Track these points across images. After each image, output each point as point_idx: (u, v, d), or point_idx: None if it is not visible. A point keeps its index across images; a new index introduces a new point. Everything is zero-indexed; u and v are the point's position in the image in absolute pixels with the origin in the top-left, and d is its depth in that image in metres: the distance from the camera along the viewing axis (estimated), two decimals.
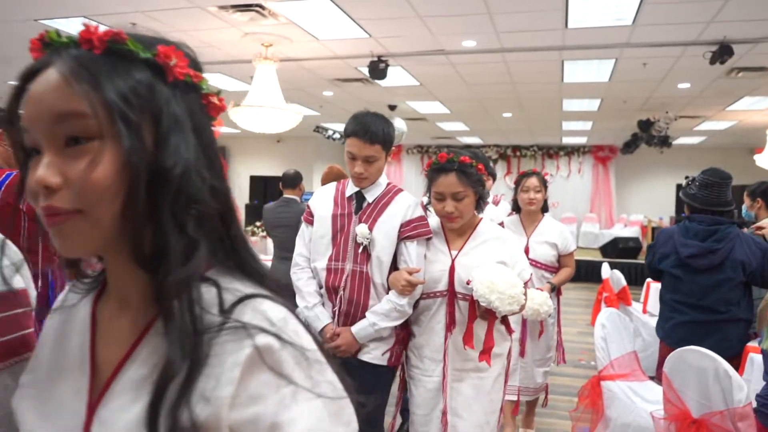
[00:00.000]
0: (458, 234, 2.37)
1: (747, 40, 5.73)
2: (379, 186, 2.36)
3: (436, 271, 2.30)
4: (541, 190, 3.57)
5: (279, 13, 5.37)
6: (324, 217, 2.36)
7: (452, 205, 2.24)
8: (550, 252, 3.56)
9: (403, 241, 2.29)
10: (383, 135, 2.24)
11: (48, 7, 5.36)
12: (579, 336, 6.56)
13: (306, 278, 2.38)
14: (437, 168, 2.27)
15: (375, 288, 2.29)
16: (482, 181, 2.29)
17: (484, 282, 2.06)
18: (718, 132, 12.02)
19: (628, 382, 2.89)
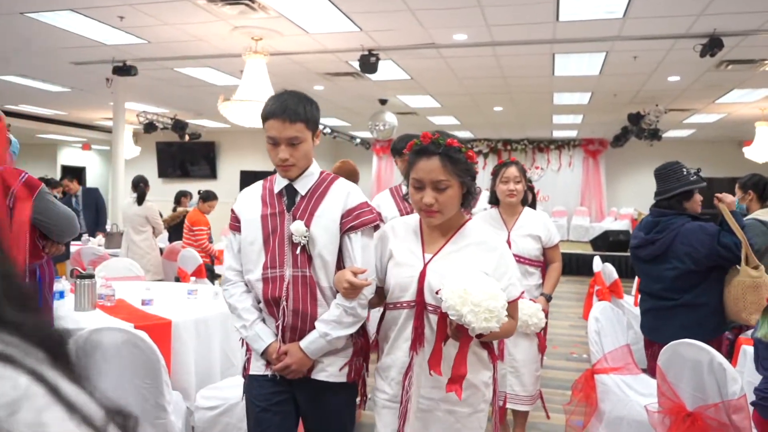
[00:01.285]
0: (439, 234, 1.97)
1: (737, 32, 5.75)
2: (311, 176, 2.05)
3: (404, 277, 1.92)
4: (521, 180, 3.28)
5: (269, 7, 5.32)
6: (252, 221, 2.04)
7: (432, 196, 1.84)
8: (533, 245, 3.30)
9: (346, 234, 1.98)
10: (305, 112, 1.95)
11: (35, 0, 5.28)
12: (571, 329, 6.58)
13: (239, 293, 2.06)
14: (418, 150, 1.87)
15: (322, 293, 1.98)
16: (471, 171, 1.90)
17: (456, 290, 1.67)
18: (707, 125, 12.09)
19: (622, 375, 2.90)
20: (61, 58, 7.40)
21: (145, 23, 5.87)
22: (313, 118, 1.99)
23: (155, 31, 6.18)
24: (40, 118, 12.79)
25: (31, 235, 2.21)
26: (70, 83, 9.05)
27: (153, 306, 3.41)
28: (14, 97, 10.38)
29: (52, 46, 6.83)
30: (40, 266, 2.25)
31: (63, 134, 14.65)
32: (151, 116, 11.31)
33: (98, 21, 5.82)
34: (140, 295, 3.54)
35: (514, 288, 1.89)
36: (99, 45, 6.66)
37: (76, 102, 10.88)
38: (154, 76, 8.25)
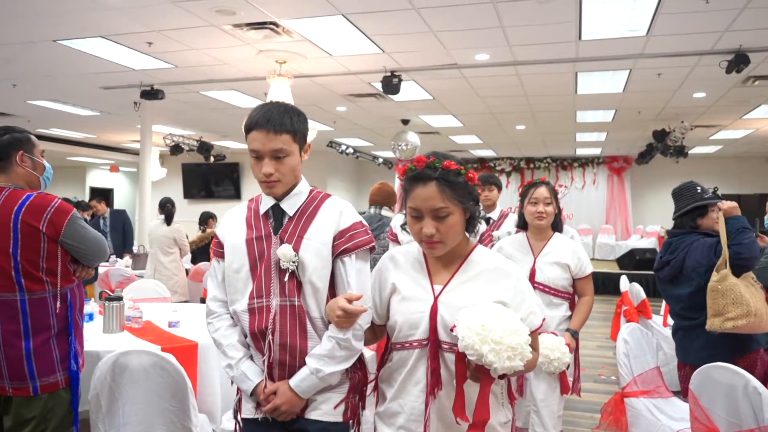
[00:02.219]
0: (444, 264, 1.77)
1: (763, 48, 5.68)
2: (299, 194, 1.85)
3: (413, 313, 1.71)
4: (551, 202, 3.03)
5: (293, 30, 5.41)
6: (236, 246, 1.84)
7: (432, 226, 1.65)
8: (561, 274, 2.99)
9: (339, 258, 1.80)
10: (291, 124, 1.77)
11: (67, 28, 5.44)
12: (598, 350, 6.47)
13: (225, 327, 1.87)
14: (413, 176, 1.69)
15: (313, 324, 1.79)
16: (474, 194, 1.72)
17: (473, 327, 1.49)
18: (734, 141, 11.91)
19: (653, 399, 2.84)
20: (91, 83, 7.59)
21: (172, 48, 6.00)
22: (301, 130, 1.81)
23: (182, 56, 6.31)
24: (70, 141, 13.11)
25: (63, 259, 2.25)
26: (99, 107, 9.27)
27: (179, 328, 3.44)
28: (46, 121, 10.66)
29: (83, 72, 7.01)
30: (70, 290, 2.28)
31: (92, 157, 14.97)
32: (177, 138, 11.51)
33: (127, 47, 5.97)
34: (167, 316, 3.57)
35: (534, 317, 1.71)
36: (128, 70, 6.82)
37: (105, 125, 11.13)
38: (180, 99, 8.42)
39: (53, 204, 2.21)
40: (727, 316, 2.70)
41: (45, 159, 2.43)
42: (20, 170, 2.28)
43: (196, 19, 5.12)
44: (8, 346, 2.15)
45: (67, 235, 2.21)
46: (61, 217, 2.21)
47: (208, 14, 5.00)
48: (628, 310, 5.07)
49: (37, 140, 2.39)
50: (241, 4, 4.77)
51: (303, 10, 4.92)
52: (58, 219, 2.20)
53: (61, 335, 2.25)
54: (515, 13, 4.89)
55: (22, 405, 2.19)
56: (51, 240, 2.19)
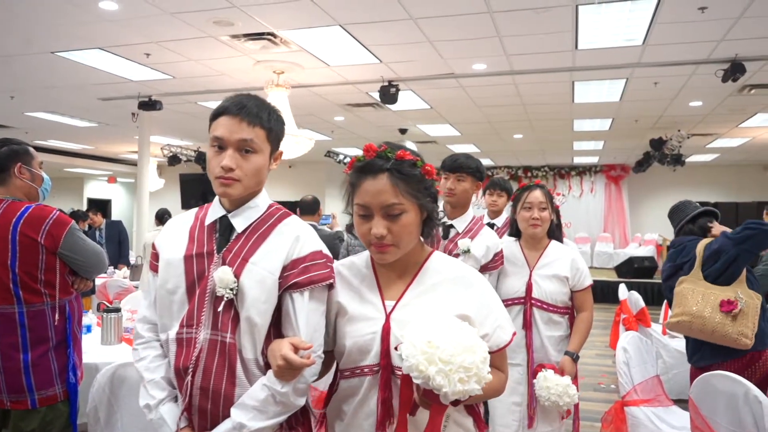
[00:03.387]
0: (397, 275, 1.51)
1: (759, 57, 5.72)
2: (255, 208, 1.55)
3: (363, 336, 1.45)
4: (547, 207, 2.75)
5: (290, 41, 5.43)
6: (173, 262, 1.53)
7: (383, 226, 1.40)
8: (560, 289, 2.72)
9: (287, 293, 1.47)
10: (269, 120, 1.52)
11: (65, 40, 5.46)
12: (598, 359, 6.46)
13: (151, 358, 1.56)
14: (361, 167, 1.44)
15: (245, 367, 1.46)
16: (432, 190, 1.48)
17: (418, 344, 1.24)
18: (731, 149, 11.95)
19: (653, 407, 2.83)
20: (89, 95, 7.60)
21: (170, 59, 6.02)
22: (276, 130, 1.55)
23: (180, 67, 6.32)
24: (68, 152, 13.11)
25: (61, 271, 2.24)
26: (97, 118, 9.28)
27: None
28: (44, 132, 10.66)
29: (81, 83, 7.02)
30: (69, 302, 2.28)
31: (90, 168, 14.97)
32: (175, 149, 11.52)
33: (125, 58, 5.98)
34: None
35: (503, 331, 1.48)
36: (126, 81, 6.84)
37: (103, 136, 11.13)
38: (178, 110, 8.43)
39: (52, 216, 2.21)
40: (672, 314, 2.90)
41: (43, 170, 2.43)
42: (19, 182, 2.28)
43: (194, 30, 5.13)
44: (6, 359, 2.14)
45: (65, 247, 2.21)
46: (60, 229, 2.21)
47: (206, 25, 5.02)
48: (627, 319, 5.06)
49: (36, 152, 2.39)
50: (239, 15, 4.79)
51: (300, 21, 4.94)
52: (57, 231, 2.20)
53: (59, 348, 2.24)
54: (512, 23, 4.92)
55: (21, 418, 2.18)
56: (49, 252, 2.18)
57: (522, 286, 2.73)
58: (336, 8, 4.64)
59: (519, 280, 2.75)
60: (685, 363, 3.90)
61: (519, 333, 2.66)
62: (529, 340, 2.69)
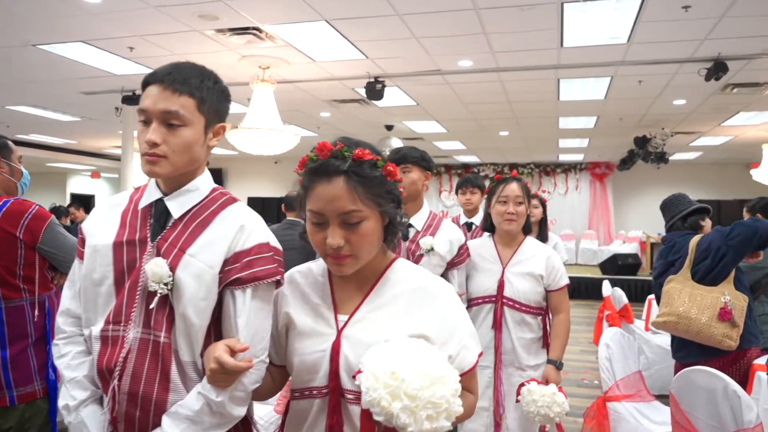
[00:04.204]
0: (356, 286, 1.35)
1: (741, 56, 5.78)
2: (195, 191, 1.38)
3: (311, 354, 1.30)
4: (523, 201, 2.62)
5: (276, 36, 5.39)
6: (100, 249, 1.36)
7: (340, 235, 1.24)
8: (533, 288, 2.59)
9: (228, 289, 1.32)
10: (200, 87, 1.33)
11: (46, 33, 5.39)
12: (581, 354, 6.51)
13: (73, 354, 1.39)
14: (314, 168, 1.26)
15: (181, 371, 1.31)
16: (395, 193, 1.31)
17: (381, 376, 1.09)
18: (714, 147, 12.08)
19: (635, 402, 2.86)
20: (71, 89, 7.51)
21: (154, 53, 5.96)
22: (211, 99, 1.36)
23: (164, 61, 6.15)
24: (50, 147, 12.95)
25: (41, 266, 2.22)
26: (80, 113, 9.17)
27: None
28: (26, 126, 10.53)
29: (63, 77, 6.94)
30: (48, 297, 2.25)
31: (73, 163, 14.81)
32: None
33: (108, 52, 5.92)
34: None
35: (468, 353, 1.31)
36: (109, 75, 6.76)
37: (86, 131, 11.01)
38: None
39: (31, 210, 2.18)
40: (658, 313, 2.93)
41: (23, 165, 2.39)
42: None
43: (179, 24, 5.09)
44: None
45: (44, 242, 2.18)
46: (39, 224, 2.18)
47: (191, 19, 4.98)
48: (610, 315, 5.10)
49: (15, 146, 2.36)
50: (224, 10, 4.76)
51: (286, 16, 4.92)
52: (36, 226, 2.17)
53: (38, 344, 2.22)
54: (498, 20, 4.93)
55: None
56: (28, 247, 2.15)
57: (494, 284, 2.61)
58: (322, 3, 4.62)
59: (491, 277, 2.63)
60: (667, 359, 3.96)
61: (488, 333, 2.60)
62: (498, 341, 2.59)
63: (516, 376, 2.57)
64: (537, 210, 4.26)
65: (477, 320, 2.63)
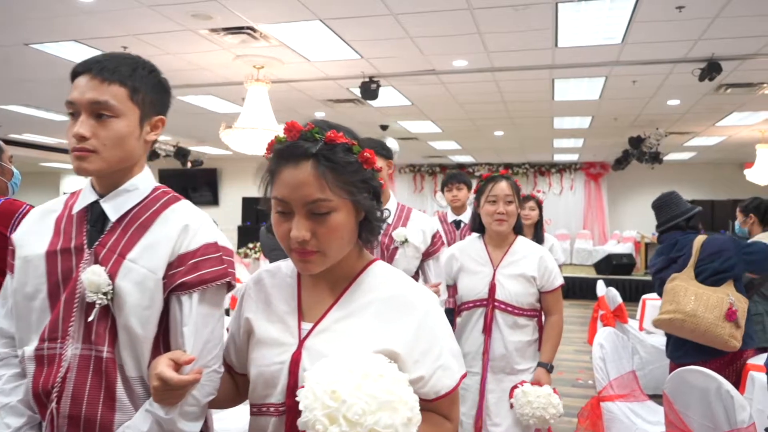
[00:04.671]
0: (327, 290, 1.20)
1: (735, 57, 5.79)
2: (133, 191, 1.27)
3: (269, 366, 1.16)
4: (513, 200, 2.50)
5: (270, 36, 5.38)
6: (32, 260, 1.25)
7: (305, 227, 1.09)
8: (526, 289, 2.49)
9: (174, 295, 1.22)
10: (132, 76, 1.23)
11: (39, 32, 5.36)
12: (576, 354, 6.52)
13: (6, 378, 1.26)
14: (280, 150, 1.12)
15: (128, 388, 1.20)
16: (372, 183, 1.15)
17: (320, 394, 0.95)
18: (708, 147, 12.11)
19: (629, 402, 2.86)
20: (65, 88, 7.36)
21: (147, 53, 5.93)
22: (146, 89, 1.26)
23: (158, 60, 6.15)
24: (43, 146, 12.88)
25: None
26: None
27: None
28: (18, 126, 10.47)
29: (56, 76, 6.89)
30: None
31: (66, 162, 14.72)
32: (154, 144, 11.38)
33: (102, 51, 5.88)
34: None
35: (446, 375, 1.13)
36: None
37: None
38: None
39: (21, 210, 2.17)
40: (661, 311, 2.91)
41: (16, 164, 2.38)
42: None
43: (172, 23, 5.07)
44: None
45: None
46: None
47: (185, 18, 4.96)
48: (604, 315, 5.11)
49: (5, 145, 2.34)
50: (218, 9, 4.74)
51: (280, 15, 4.90)
52: None
53: None
54: (492, 20, 4.92)
55: None
56: None
57: (485, 286, 2.51)
58: (316, 3, 4.60)
59: (481, 280, 2.53)
60: (661, 359, 3.97)
61: (479, 338, 2.53)
62: (486, 345, 2.51)
63: (507, 381, 2.49)
64: (534, 212, 4.24)
65: (468, 325, 2.58)
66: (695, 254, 2.97)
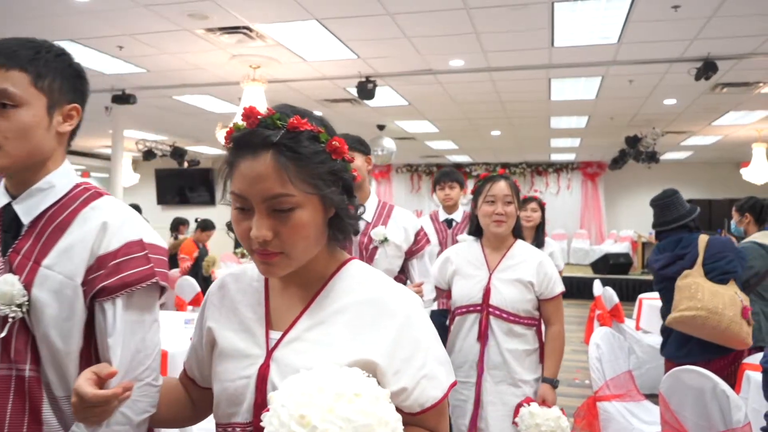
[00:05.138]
0: (297, 294, 1.07)
1: (730, 56, 5.80)
2: (49, 190, 1.15)
3: (234, 381, 1.04)
4: (512, 201, 2.38)
5: (266, 35, 5.37)
6: None
7: (266, 226, 0.97)
8: (523, 296, 2.36)
9: (96, 302, 1.11)
10: (35, 59, 1.11)
11: (34, 31, 5.32)
12: (573, 354, 6.52)
13: None
14: (238, 138, 0.99)
15: (56, 409, 1.10)
16: (343, 177, 1.02)
17: (286, 418, 0.82)
18: (704, 147, 12.14)
19: (625, 402, 2.86)
20: None
21: (144, 53, 5.92)
22: (50, 76, 1.13)
23: (154, 60, 6.23)
24: None
25: None
26: None
27: None
28: None
29: None
30: None
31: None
32: (150, 144, 11.36)
33: (98, 51, 5.87)
34: None
35: (432, 384, 1.00)
36: (98, 74, 6.71)
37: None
38: (153, 104, 8.30)
39: None
40: (678, 308, 2.86)
41: None
42: None
43: (168, 22, 5.05)
44: None
45: None
46: None
47: (181, 18, 4.95)
48: (601, 314, 5.12)
49: None
50: (214, 9, 4.73)
51: (276, 15, 4.89)
52: None
53: None
54: (489, 20, 4.92)
55: None
56: None
57: (479, 291, 2.39)
58: (312, 2, 4.60)
59: (476, 284, 2.41)
60: (658, 358, 3.96)
61: (474, 346, 2.39)
62: (482, 354, 2.37)
63: (509, 395, 2.33)
64: (536, 214, 4.09)
65: (461, 332, 2.45)
66: (701, 252, 2.96)
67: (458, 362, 2.42)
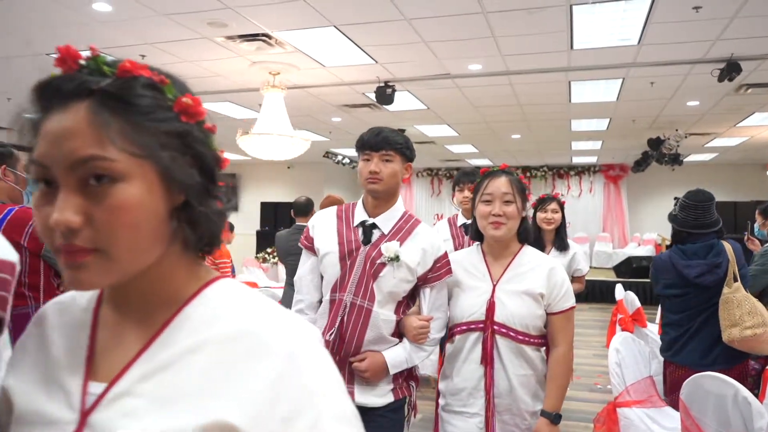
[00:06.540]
0: (137, 325, 0.74)
1: (754, 56, 5.70)
2: None
3: None
4: (513, 200, 2.04)
5: (285, 42, 5.42)
6: None
7: (73, 207, 0.64)
8: (533, 310, 2.01)
9: None
10: None
11: (59, 42, 5.42)
12: (594, 359, 6.44)
13: None
14: (44, 88, 0.72)
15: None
16: (194, 147, 0.72)
17: None
18: (729, 148, 11.94)
19: (645, 408, 2.82)
20: None
21: (165, 61, 6.01)
22: None
23: (175, 68, 6.26)
24: None
25: (45, 273, 2.23)
26: None
27: None
28: None
29: None
30: None
31: None
32: None
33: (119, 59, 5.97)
34: None
35: None
36: None
37: None
38: None
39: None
40: (744, 326, 2.74)
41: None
42: (2, 184, 2.28)
43: (189, 31, 5.12)
44: None
45: (49, 250, 2.20)
46: None
47: (201, 26, 5.01)
48: (623, 319, 5.05)
49: (20, 154, 2.38)
50: (233, 17, 4.78)
51: (295, 22, 4.93)
52: None
53: None
54: (506, 23, 4.91)
55: None
56: (33, 254, 2.17)
57: (482, 305, 2.03)
58: (330, 9, 4.63)
59: (478, 297, 2.05)
60: None
61: (477, 371, 2.03)
62: (489, 379, 2.01)
63: (511, 425, 2.02)
64: (557, 215, 3.85)
65: (461, 354, 2.07)
66: (732, 259, 2.89)
67: (455, 389, 2.09)
